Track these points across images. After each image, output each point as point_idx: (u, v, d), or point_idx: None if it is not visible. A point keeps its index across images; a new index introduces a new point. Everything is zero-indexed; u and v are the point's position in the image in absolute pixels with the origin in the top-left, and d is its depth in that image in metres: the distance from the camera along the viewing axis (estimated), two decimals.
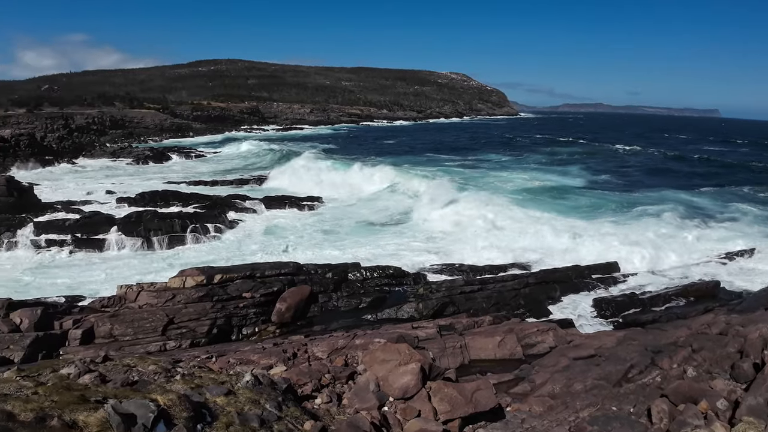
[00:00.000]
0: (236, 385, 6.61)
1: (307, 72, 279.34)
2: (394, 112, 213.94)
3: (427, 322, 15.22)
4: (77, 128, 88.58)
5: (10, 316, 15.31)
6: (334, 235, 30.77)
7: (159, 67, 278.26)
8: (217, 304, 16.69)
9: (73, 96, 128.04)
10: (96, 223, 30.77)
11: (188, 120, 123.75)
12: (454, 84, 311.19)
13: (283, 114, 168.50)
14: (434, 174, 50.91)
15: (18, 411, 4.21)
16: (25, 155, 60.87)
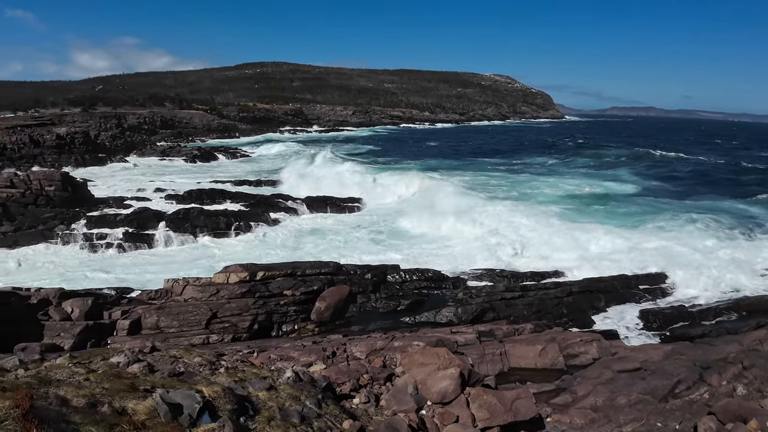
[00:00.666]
0: (277, 381, 6.70)
1: (350, 74, 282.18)
2: (436, 115, 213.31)
3: (466, 328, 15.04)
4: (129, 127, 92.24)
5: (62, 305, 16.01)
6: (373, 237, 30.87)
7: (207, 70, 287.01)
8: (259, 301, 17.01)
9: (125, 96, 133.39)
10: (145, 219, 32.00)
11: (234, 121, 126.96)
12: (498, 86, 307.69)
13: (326, 116, 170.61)
14: (477, 178, 50.23)
15: (71, 396, 4.37)
16: (80, 152, 63.91)
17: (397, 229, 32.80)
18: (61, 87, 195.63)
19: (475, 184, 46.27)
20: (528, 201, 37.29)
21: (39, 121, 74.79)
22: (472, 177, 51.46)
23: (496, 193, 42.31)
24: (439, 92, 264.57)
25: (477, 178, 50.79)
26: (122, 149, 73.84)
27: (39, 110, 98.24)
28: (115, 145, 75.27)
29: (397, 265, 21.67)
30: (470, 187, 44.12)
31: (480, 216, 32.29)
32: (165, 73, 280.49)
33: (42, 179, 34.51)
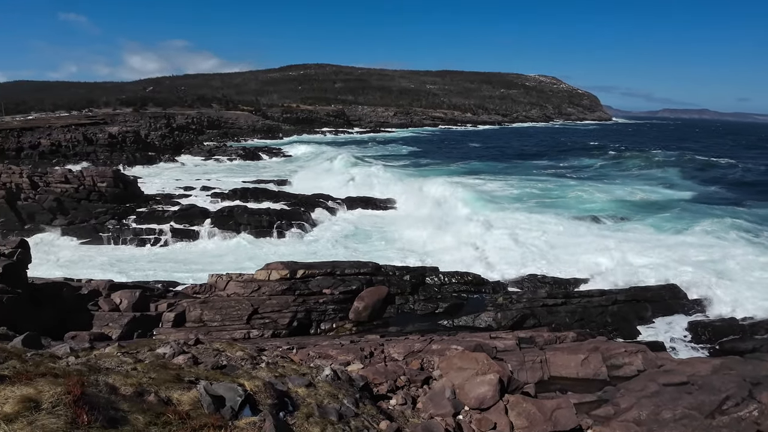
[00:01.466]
0: (316, 378, 6.74)
1: (391, 75, 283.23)
2: (478, 116, 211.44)
3: (506, 333, 14.77)
4: (178, 127, 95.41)
5: (111, 296, 16.67)
6: (408, 237, 30.80)
7: (253, 72, 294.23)
8: (299, 298, 17.23)
9: (174, 97, 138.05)
10: (191, 215, 33.05)
11: (278, 122, 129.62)
12: (543, 87, 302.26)
13: (368, 117, 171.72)
14: (524, 182, 49.08)
15: (119, 385, 4.53)
16: (131, 151, 66.62)
17: (433, 230, 32.55)
18: (113, 88, 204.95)
19: (521, 189, 45.31)
20: (575, 208, 36.27)
21: (92, 120, 78.36)
22: (518, 181, 50.47)
23: (541, 198, 41.35)
24: (482, 93, 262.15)
25: (523, 182, 49.72)
26: (171, 148, 76.53)
27: (92, 110, 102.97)
28: (164, 145, 78.07)
29: (436, 267, 21.56)
30: (517, 192, 43.15)
31: (519, 222, 31.72)
32: (212, 74, 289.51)
33: (95, 176, 36.14)
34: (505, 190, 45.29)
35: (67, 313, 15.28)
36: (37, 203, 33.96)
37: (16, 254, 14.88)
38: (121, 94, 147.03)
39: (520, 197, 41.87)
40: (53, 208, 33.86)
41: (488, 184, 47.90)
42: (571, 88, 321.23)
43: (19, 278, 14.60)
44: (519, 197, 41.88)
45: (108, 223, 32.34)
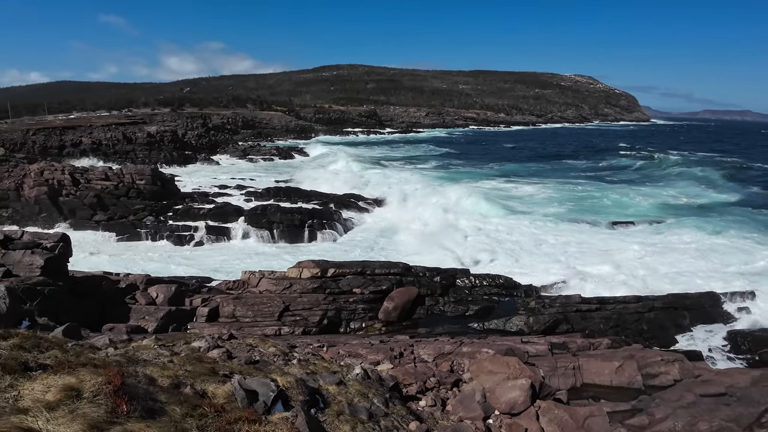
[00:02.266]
0: (347, 377, 6.76)
1: (424, 76, 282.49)
2: (512, 116, 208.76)
3: (538, 338, 14.53)
4: (213, 127, 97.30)
5: (148, 290, 17.12)
6: (439, 238, 30.61)
7: (287, 72, 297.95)
8: (329, 297, 17.36)
9: (210, 98, 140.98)
10: (226, 213, 33.71)
11: (311, 122, 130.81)
12: (579, 87, 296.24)
13: (399, 117, 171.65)
14: (562, 186, 47.84)
15: (156, 376, 4.63)
16: (168, 150, 68.40)
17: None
18: (151, 88, 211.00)
19: (561, 194, 44.17)
20: (614, 213, 35.23)
21: (132, 119, 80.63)
22: (555, 184, 49.35)
23: (579, 202, 40.31)
24: (516, 93, 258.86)
25: (560, 185, 48.58)
26: (207, 148, 78.22)
27: (132, 110, 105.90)
28: (201, 144, 79.84)
29: (467, 269, 21.36)
30: (557, 197, 42.16)
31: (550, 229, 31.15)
32: (247, 75, 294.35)
33: (134, 173, 37.24)
34: (541, 193, 44.39)
35: (106, 306, 15.76)
36: (78, 199, 35.20)
37: (57, 248, 15.44)
38: (159, 95, 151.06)
39: (556, 200, 40.83)
40: (93, 204, 35.04)
41: (523, 188, 47.07)
42: (608, 88, 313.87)
43: (60, 271, 15.14)
44: (555, 200, 40.85)
45: (146, 220, 33.30)
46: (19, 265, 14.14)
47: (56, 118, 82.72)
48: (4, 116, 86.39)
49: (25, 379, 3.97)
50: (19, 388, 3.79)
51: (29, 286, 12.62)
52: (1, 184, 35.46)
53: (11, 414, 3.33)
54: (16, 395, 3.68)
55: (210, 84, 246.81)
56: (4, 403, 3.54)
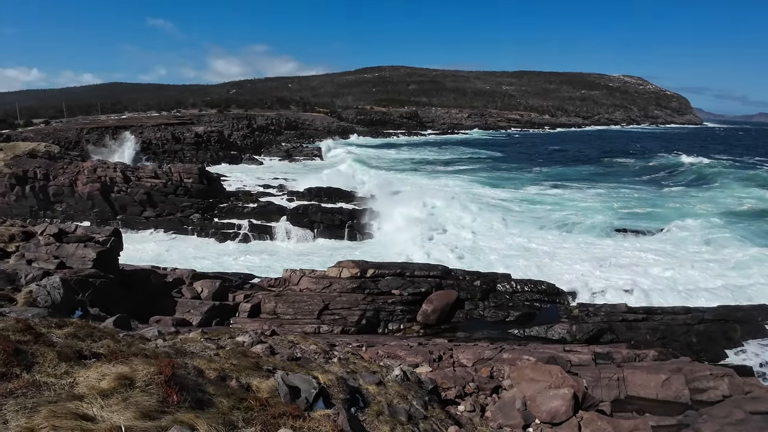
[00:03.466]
0: (386, 377, 6.76)
1: (466, 77, 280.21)
2: (557, 118, 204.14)
3: (581, 347, 14.13)
4: (258, 128, 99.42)
5: (193, 285, 17.65)
6: (482, 241, 30.26)
7: (329, 74, 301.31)
8: (368, 297, 17.42)
9: (255, 99, 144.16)
10: (269, 212, 34.42)
11: (352, 123, 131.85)
12: (627, 88, 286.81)
13: (441, 119, 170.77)
14: (615, 192, 46.00)
15: (204, 368, 4.75)
16: (215, 150, 70.37)
17: (505, 234, 31.78)
18: (199, 90, 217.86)
19: (613, 200, 42.47)
20: (674, 221, 33.86)
21: (180, 120, 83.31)
22: (607, 190, 47.75)
23: (635, 209, 38.74)
24: (561, 94, 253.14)
25: (613, 191, 46.81)
26: (251, 148, 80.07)
27: (180, 110, 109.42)
28: (245, 144, 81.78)
29: (508, 274, 20.97)
30: (608, 204, 40.70)
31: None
32: (291, 78, 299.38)
33: (182, 172, 38.49)
34: (591, 198, 42.99)
35: (153, 298, 16.32)
36: (129, 196, 36.65)
37: (109, 242, 16.11)
38: (207, 96, 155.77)
39: (608, 207, 39.18)
40: (143, 201, 36.41)
41: (573, 193, 45.78)
42: (659, 89, 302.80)
43: (111, 264, 15.78)
44: (606, 208, 39.22)
45: (192, 217, 34.35)
46: (72, 257, 14.80)
47: (109, 118, 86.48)
48: (59, 116, 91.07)
49: (80, 367, 4.13)
50: (74, 376, 3.96)
51: (82, 278, 13.18)
52: (57, 181, 37.28)
53: (67, 400, 3.47)
54: (71, 382, 3.84)
55: (255, 86, 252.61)
56: (60, 389, 3.70)
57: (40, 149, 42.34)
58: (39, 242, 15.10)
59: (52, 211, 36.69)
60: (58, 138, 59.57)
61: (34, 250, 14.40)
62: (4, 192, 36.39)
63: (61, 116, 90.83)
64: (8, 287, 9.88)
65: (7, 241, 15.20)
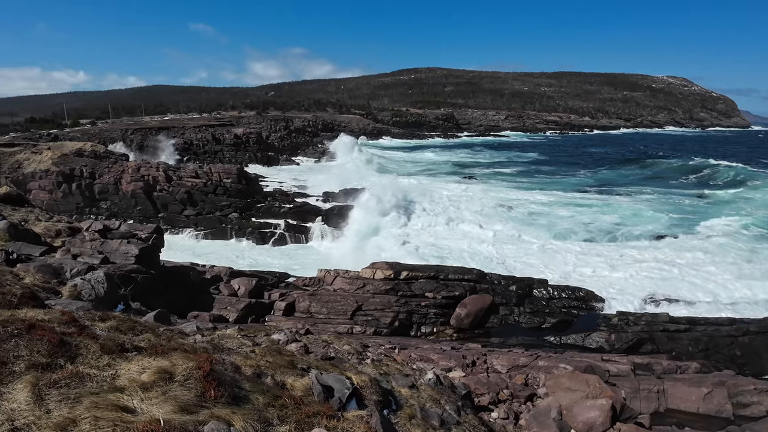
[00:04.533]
0: (419, 381, 6.70)
1: (503, 78, 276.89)
2: (597, 120, 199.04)
3: (620, 357, 13.72)
4: (295, 130, 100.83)
5: (231, 282, 17.96)
6: (522, 247, 29.79)
7: (365, 77, 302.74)
8: (401, 299, 17.36)
9: (293, 102, 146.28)
10: (304, 213, 34.85)
11: (388, 125, 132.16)
12: (672, 89, 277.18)
13: (477, 120, 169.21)
14: (667, 200, 44.15)
15: (241, 365, 4.81)
16: (253, 151, 71.74)
17: (551, 239, 31.15)
18: (239, 92, 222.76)
19: (660, 206, 40.82)
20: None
21: (220, 121, 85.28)
22: (658, 196, 46.04)
23: (689, 216, 37.08)
24: (602, 96, 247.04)
25: (664, 198, 44.91)
26: (288, 149, 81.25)
27: (221, 112, 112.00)
28: (283, 146, 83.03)
29: (545, 279, 20.55)
30: (659, 211, 39.04)
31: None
32: (328, 80, 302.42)
33: (221, 172, 39.39)
34: (639, 204, 41.38)
35: (192, 294, 16.71)
36: (170, 195, 37.73)
37: (151, 239, 16.55)
38: (246, 98, 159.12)
39: (655, 215, 37.51)
40: (184, 199, 37.42)
41: (619, 198, 44.30)
42: (704, 90, 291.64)
43: (152, 260, 16.20)
44: (654, 214, 37.59)
45: (231, 216, 35.10)
46: (116, 253, 15.28)
47: (152, 120, 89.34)
48: (105, 117, 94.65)
49: (122, 360, 4.24)
50: (116, 368, 4.06)
51: (124, 273, 13.59)
52: (102, 179, 38.70)
53: (109, 392, 3.56)
54: (113, 374, 3.95)
55: (292, 88, 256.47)
56: (102, 381, 3.80)
57: (87, 149, 44.06)
58: (84, 238, 15.66)
59: (97, 208, 38.10)
60: (104, 138, 61.86)
61: (79, 245, 14.93)
62: (52, 189, 37.99)
63: (107, 117, 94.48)
64: (54, 280, 10.26)
65: (53, 236, 15.82)
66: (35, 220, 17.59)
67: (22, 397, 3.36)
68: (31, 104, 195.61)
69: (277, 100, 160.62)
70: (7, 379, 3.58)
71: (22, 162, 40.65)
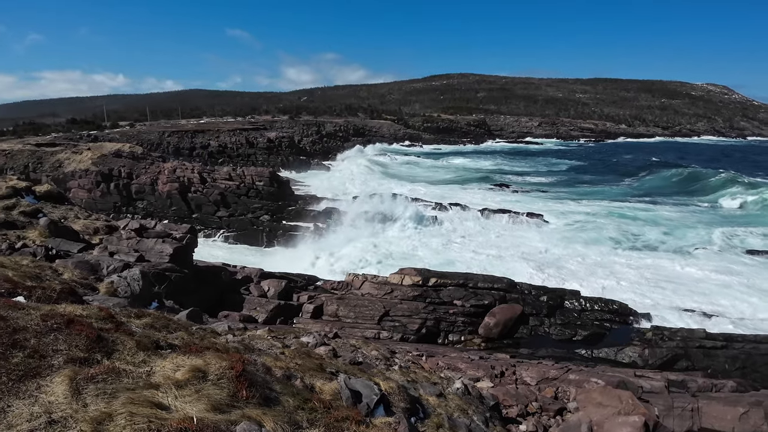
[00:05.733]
0: (447, 389, 6.63)
1: (537, 84, 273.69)
2: (634, 128, 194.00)
3: (654, 373, 13.31)
4: (327, 134, 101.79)
5: (261, 283, 18.18)
6: (557, 256, 29.27)
7: (397, 82, 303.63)
8: (429, 306, 17.26)
9: (325, 107, 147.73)
10: (333, 216, 35.04)
11: (418, 131, 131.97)
12: (711, 97, 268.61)
13: (510, 127, 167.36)
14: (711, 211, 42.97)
15: (271, 366, 4.85)
16: (285, 154, 72.84)
17: (583, 248, 30.48)
18: (272, 97, 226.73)
19: (708, 218, 39.41)
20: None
21: (254, 126, 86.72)
22: (701, 207, 44.41)
23: (725, 227, 35.71)
24: (639, 103, 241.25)
25: (711, 210, 43.30)
26: (320, 153, 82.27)
27: (254, 116, 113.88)
28: (314, 150, 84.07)
29: (577, 291, 20.10)
30: (701, 223, 37.66)
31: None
32: (360, 86, 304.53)
33: (254, 175, 40.08)
34: (682, 217, 39.85)
35: (223, 294, 16.98)
36: (204, 196, 38.56)
37: (185, 239, 16.91)
38: (279, 103, 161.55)
39: (701, 227, 35.86)
40: (217, 201, 38.20)
41: (663, 209, 42.89)
42: (746, 98, 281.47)
43: (186, 259, 16.54)
44: (699, 227, 35.97)
45: (262, 218, 35.64)
46: (151, 251, 15.66)
47: (188, 123, 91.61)
48: (143, 119, 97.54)
49: (157, 357, 4.33)
50: (151, 365, 4.15)
51: (159, 271, 13.88)
52: (139, 180, 39.82)
53: (144, 388, 3.64)
54: (148, 371, 4.03)
55: (325, 93, 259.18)
56: (138, 377, 3.89)
57: (125, 150, 45.44)
58: (121, 236, 16.11)
59: (133, 207, 39.21)
60: (142, 140, 63.72)
61: (116, 243, 15.37)
62: (91, 188, 39.28)
63: (145, 119, 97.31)
64: (91, 277, 10.58)
65: (92, 233, 16.33)
66: (74, 217, 18.20)
67: (60, 391, 3.45)
68: (73, 106, 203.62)
69: (310, 104, 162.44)
70: (45, 372, 3.69)
71: (62, 161, 42.21)
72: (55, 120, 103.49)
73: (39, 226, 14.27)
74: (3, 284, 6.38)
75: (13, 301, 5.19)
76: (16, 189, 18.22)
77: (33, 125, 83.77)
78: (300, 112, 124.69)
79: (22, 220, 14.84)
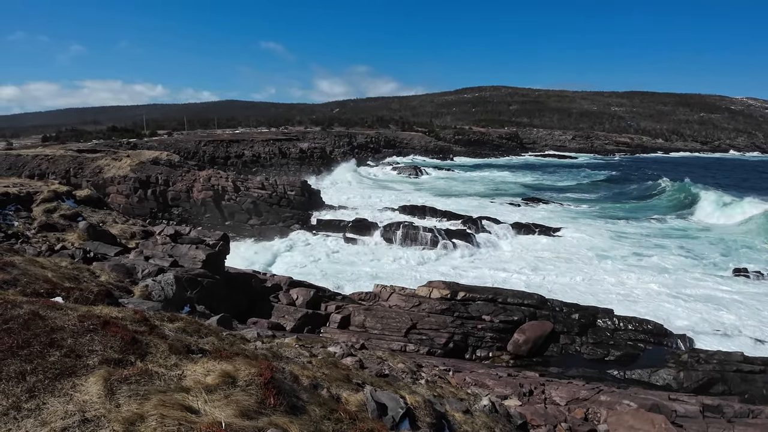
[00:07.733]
0: (473, 406, 6.53)
1: (571, 97, 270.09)
2: (671, 142, 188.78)
3: (689, 397, 12.82)
4: (358, 146, 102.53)
5: (290, 291, 18.32)
6: (584, 268, 28.62)
7: (429, 94, 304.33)
8: (457, 320, 17.07)
9: (356, 118, 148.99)
10: (362, 227, 35.21)
11: (449, 143, 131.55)
12: (752, 111, 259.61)
13: (542, 140, 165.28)
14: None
15: (298, 374, 4.88)
16: (317, 165, 73.73)
17: (609, 261, 29.77)
18: (305, 108, 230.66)
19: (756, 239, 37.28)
20: None
21: (287, 136, 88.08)
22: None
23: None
24: (677, 117, 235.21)
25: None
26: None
27: (288, 127, 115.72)
28: (346, 161, 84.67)
29: (610, 309, 19.53)
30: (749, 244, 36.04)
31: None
32: (391, 98, 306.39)
33: (286, 185, 40.71)
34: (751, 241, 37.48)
35: (252, 301, 17.19)
36: (237, 204, 39.30)
37: (218, 245, 17.24)
38: (312, 114, 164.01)
39: (748, 248, 34.37)
40: (250, 209, 38.88)
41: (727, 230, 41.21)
42: None
43: (218, 266, 16.83)
44: (746, 248, 34.46)
45: (293, 227, 36.08)
46: (184, 257, 16.00)
47: (224, 132, 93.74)
48: (180, 128, 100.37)
49: (188, 361, 4.41)
50: (182, 368, 4.23)
51: (191, 277, 14.17)
52: (175, 187, 40.86)
53: (175, 391, 3.71)
54: (180, 374, 4.11)
55: (357, 105, 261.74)
56: (169, 380, 3.97)
57: (162, 157, 46.72)
58: (156, 241, 16.53)
59: (169, 213, 40.21)
60: (179, 148, 65.44)
61: (151, 248, 15.77)
62: (129, 194, 40.49)
63: (182, 129, 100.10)
64: (127, 280, 10.87)
65: (128, 237, 16.81)
66: (112, 222, 18.76)
67: (95, 390, 3.56)
68: (113, 114, 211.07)
69: (342, 116, 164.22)
70: (81, 371, 3.81)
71: (102, 167, 43.67)
72: (96, 127, 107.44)
73: (78, 229, 14.77)
74: (42, 285, 6.63)
75: (52, 302, 5.39)
76: (57, 193, 18.94)
77: (75, 132, 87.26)
78: (332, 124, 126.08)
79: (62, 223, 15.42)
